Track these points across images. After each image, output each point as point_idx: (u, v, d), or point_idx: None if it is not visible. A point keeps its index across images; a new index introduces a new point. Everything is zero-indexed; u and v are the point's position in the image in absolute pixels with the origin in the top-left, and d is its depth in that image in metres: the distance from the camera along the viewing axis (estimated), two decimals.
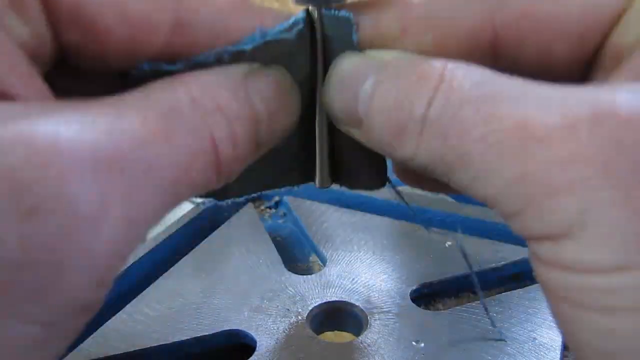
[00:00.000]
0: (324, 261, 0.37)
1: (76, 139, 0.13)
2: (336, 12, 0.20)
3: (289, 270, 0.36)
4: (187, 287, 0.34)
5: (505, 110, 0.15)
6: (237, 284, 0.34)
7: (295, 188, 0.26)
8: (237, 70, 0.19)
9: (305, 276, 0.35)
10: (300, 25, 0.21)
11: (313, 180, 0.25)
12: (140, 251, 0.37)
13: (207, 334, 0.31)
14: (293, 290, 0.34)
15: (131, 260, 0.36)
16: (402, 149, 0.17)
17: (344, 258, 0.37)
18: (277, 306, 0.33)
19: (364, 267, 0.36)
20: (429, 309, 0.34)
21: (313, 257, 0.39)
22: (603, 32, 0.18)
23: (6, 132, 0.13)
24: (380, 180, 0.24)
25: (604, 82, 0.18)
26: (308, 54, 0.21)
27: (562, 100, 0.14)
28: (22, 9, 0.16)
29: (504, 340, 0.30)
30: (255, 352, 0.29)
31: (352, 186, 0.24)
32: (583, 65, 0.19)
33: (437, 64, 0.17)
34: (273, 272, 0.36)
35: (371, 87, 0.18)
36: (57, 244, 0.13)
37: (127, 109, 0.15)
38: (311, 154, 0.24)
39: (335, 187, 0.26)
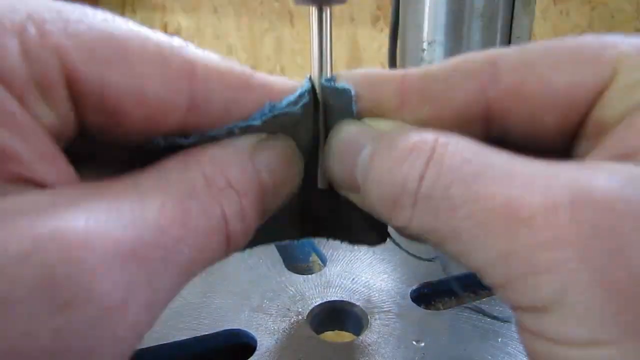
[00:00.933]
0: (324, 261, 0.37)
1: (104, 234, 0.14)
2: (336, 84, 0.22)
3: (289, 270, 0.36)
4: (187, 287, 0.34)
5: (492, 190, 0.16)
6: (237, 284, 0.34)
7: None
8: (245, 143, 0.20)
9: (305, 276, 0.35)
10: (306, 99, 0.21)
11: (310, 236, 0.26)
12: None
13: (207, 333, 0.31)
14: (293, 290, 0.34)
15: None
16: (396, 219, 0.18)
17: (344, 258, 0.37)
18: (278, 306, 0.33)
19: (364, 266, 0.36)
20: (429, 309, 0.34)
21: (313, 257, 0.39)
22: (587, 107, 0.19)
23: (40, 228, 0.14)
24: (381, 237, 0.25)
25: (586, 159, 0.19)
26: (311, 120, 0.23)
27: (545, 181, 0.15)
28: (50, 96, 0.17)
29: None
30: (256, 352, 0.29)
31: (352, 242, 0.25)
32: (569, 135, 0.20)
33: (429, 137, 0.18)
34: (273, 272, 0.36)
35: (368, 157, 0.19)
36: (87, 332, 0.14)
37: (146, 195, 0.16)
38: (310, 211, 0.25)
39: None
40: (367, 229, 0.24)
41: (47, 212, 0.14)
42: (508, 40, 0.49)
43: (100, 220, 0.15)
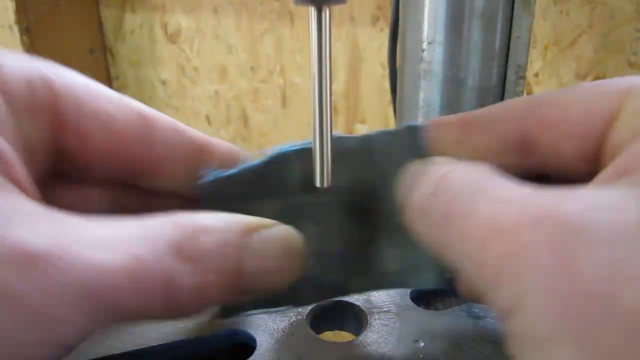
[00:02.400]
0: None
1: (57, 255, 0.17)
2: (410, 123, 0.27)
3: None
4: None
5: (480, 207, 0.19)
6: None
7: None
8: (238, 223, 0.22)
9: None
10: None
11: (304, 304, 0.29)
12: None
13: (207, 334, 0.31)
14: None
15: None
16: (420, 234, 0.22)
17: None
18: None
19: None
20: (429, 309, 0.34)
21: None
22: (600, 133, 0.22)
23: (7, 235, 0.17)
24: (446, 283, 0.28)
25: (592, 182, 0.21)
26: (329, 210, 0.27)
27: (523, 203, 0.18)
28: (35, 116, 0.21)
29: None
30: (255, 352, 0.29)
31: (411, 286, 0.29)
32: (590, 162, 0.23)
33: (444, 167, 0.22)
34: None
35: (410, 183, 0.23)
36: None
37: (111, 236, 0.19)
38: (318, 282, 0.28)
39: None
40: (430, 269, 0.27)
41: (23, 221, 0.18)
42: (508, 40, 0.49)
43: (58, 242, 0.17)
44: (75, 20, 1.16)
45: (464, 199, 0.20)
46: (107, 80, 1.26)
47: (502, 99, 0.51)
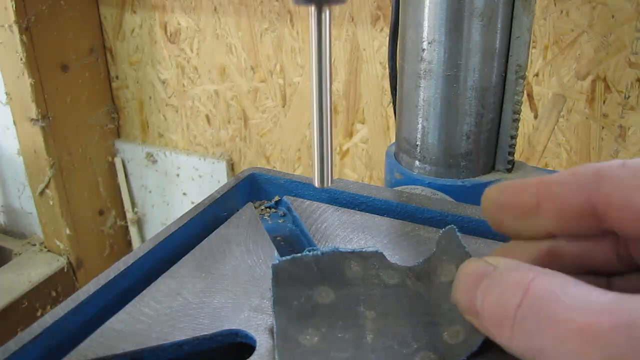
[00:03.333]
0: None
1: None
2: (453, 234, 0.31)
3: None
4: (187, 287, 0.34)
5: (571, 315, 0.20)
6: (237, 284, 0.34)
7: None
8: None
9: None
10: None
11: None
12: (140, 251, 0.37)
13: (207, 333, 0.31)
14: None
15: (131, 260, 0.36)
16: (501, 338, 0.23)
17: None
18: None
19: None
20: None
21: None
22: None
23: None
24: None
25: None
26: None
27: (611, 308, 0.19)
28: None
29: None
30: (255, 352, 0.29)
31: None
32: None
33: (529, 275, 0.22)
34: None
35: (485, 289, 0.24)
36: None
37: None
38: None
39: (335, 187, 0.26)
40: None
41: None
42: (508, 40, 0.49)
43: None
44: (75, 20, 1.16)
45: (552, 307, 0.21)
46: (107, 80, 1.26)
47: (502, 98, 0.51)
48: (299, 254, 0.31)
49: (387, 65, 0.56)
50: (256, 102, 1.09)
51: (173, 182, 1.26)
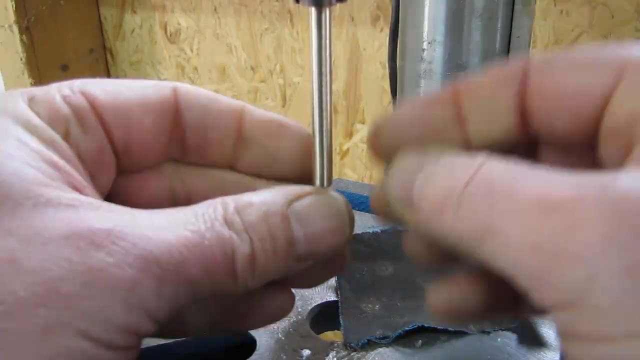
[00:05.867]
0: None
1: (126, 236, 0.19)
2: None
3: None
4: None
5: (527, 184, 0.17)
6: None
7: None
8: (284, 194, 0.23)
9: None
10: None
11: None
12: None
13: (207, 333, 0.31)
14: (293, 290, 0.34)
15: None
16: (442, 224, 0.20)
17: None
18: None
19: None
20: None
21: None
22: (596, 107, 0.21)
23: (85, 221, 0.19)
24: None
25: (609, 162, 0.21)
26: None
27: (574, 179, 0.17)
28: (83, 123, 0.23)
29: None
30: (255, 352, 0.29)
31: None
32: (587, 137, 0.22)
33: (480, 157, 0.20)
34: None
35: (427, 175, 0.21)
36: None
37: (172, 220, 0.21)
38: None
39: (334, 187, 0.26)
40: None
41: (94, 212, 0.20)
42: (508, 40, 0.49)
43: (127, 228, 0.19)
44: (75, 20, 1.16)
45: (507, 180, 0.18)
46: None
47: None
48: (360, 232, 0.35)
49: (387, 66, 0.56)
50: (256, 102, 1.09)
51: None
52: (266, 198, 0.23)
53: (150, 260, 0.19)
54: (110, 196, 0.26)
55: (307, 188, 0.24)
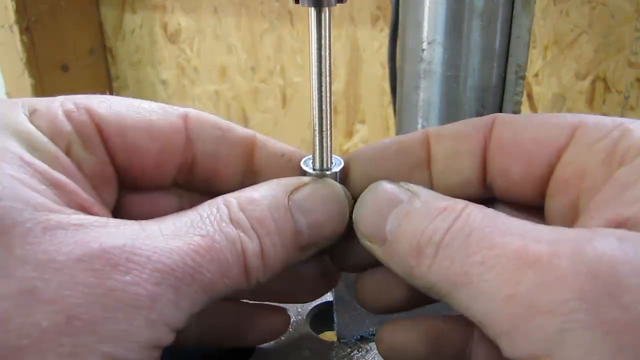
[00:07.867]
0: None
1: (140, 252, 0.19)
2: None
3: None
4: None
5: (505, 239, 0.18)
6: None
7: None
8: (282, 187, 0.23)
9: None
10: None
11: None
12: None
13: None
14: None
15: None
16: (418, 268, 0.20)
17: None
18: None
19: None
20: None
21: None
22: (548, 160, 0.23)
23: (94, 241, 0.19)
24: None
25: (579, 225, 0.21)
26: None
27: (551, 237, 0.17)
28: (87, 143, 0.24)
29: None
30: (255, 352, 0.29)
31: None
32: (536, 187, 0.23)
33: (460, 202, 0.21)
34: None
35: (403, 212, 0.21)
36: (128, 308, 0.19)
37: (181, 228, 0.21)
38: None
39: None
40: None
41: (101, 229, 0.20)
42: (508, 40, 0.49)
43: (139, 242, 0.19)
44: (75, 20, 1.16)
45: (485, 231, 0.19)
46: (107, 80, 1.26)
47: (502, 98, 0.51)
48: None
49: (387, 66, 0.56)
50: (256, 102, 1.09)
51: None
52: (266, 192, 0.23)
53: (165, 272, 0.19)
54: (119, 212, 0.26)
55: (303, 178, 0.24)
